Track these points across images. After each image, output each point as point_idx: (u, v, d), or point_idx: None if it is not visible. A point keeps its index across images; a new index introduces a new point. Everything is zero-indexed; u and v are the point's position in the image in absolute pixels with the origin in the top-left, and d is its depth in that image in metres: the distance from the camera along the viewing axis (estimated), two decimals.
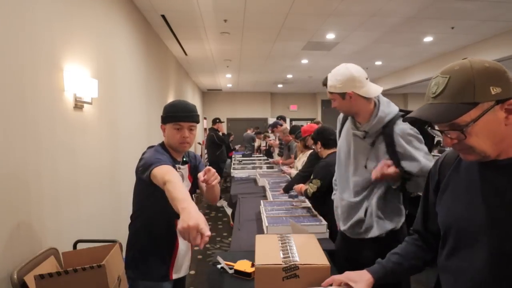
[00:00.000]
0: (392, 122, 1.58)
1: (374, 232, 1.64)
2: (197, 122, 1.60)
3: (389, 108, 1.61)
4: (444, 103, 0.79)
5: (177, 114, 1.55)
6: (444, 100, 0.79)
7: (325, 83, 1.66)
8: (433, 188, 1.02)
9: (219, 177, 1.53)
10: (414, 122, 0.90)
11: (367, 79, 1.59)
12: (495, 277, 0.80)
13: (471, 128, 0.78)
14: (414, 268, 1.10)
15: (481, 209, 0.84)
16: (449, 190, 0.94)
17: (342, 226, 1.79)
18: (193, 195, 1.67)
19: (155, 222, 1.57)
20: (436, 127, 0.87)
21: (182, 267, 1.66)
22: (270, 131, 6.45)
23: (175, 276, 1.62)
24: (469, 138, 0.79)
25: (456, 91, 0.78)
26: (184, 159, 1.67)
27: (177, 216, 1.48)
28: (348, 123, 1.75)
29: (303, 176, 2.91)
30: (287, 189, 3.04)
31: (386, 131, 1.58)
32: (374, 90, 1.58)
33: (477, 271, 0.83)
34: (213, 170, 1.50)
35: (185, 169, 1.65)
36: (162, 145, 1.63)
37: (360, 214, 1.67)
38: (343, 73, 1.57)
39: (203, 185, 1.60)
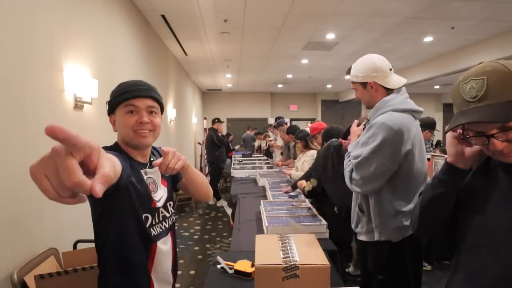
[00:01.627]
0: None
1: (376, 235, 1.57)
2: (159, 101, 1.16)
3: (399, 102, 1.52)
4: (492, 103, 0.77)
5: (127, 90, 1.10)
6: (491, 101, 0.77)
7: (348, 73, 1.63)
8: None
9: (183, 158, 1.10)
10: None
11: (391, 69, 1.57)
12: None
13: None
14: None
15: (509, 206, 0.82)
16: (473, 187, 0.93)
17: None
18: (169, 206, 1.25)
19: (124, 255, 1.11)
20: (466, 134, 0.84)
21: None
22: (271, 131, 6.45)
23: None
24: None
25: (502, 90, 0.76)
26: (152, 159, 1.21)
27: (153, 240, 1.13)
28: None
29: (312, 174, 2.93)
30: (295, 187, 3.06)
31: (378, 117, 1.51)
32: (397, 81, 1.56)
33: (501, 267, 0.82)
34: (172, 150, 1.06)
35: (155, 172, 1.20)
36: (116, 146, 1.17)
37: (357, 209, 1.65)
38: (365, 62, 1.56)
39: (184, 185, 1.29)
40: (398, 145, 1.43)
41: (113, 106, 1.13)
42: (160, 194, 1.20)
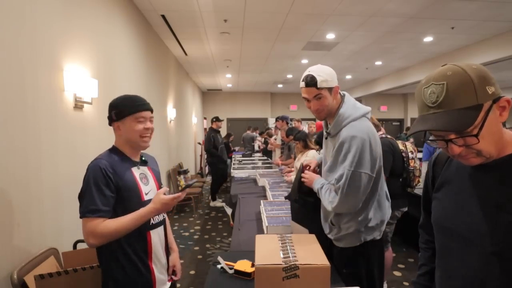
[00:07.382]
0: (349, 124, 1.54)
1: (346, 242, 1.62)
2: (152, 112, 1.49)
3: (354, 110, 1.57)
4: (450, 110, 0.76)
5: (137, 104, 1.40)
6: (448, 107, 0.77)
7: (312, 81, 1.52)
8: (430, 186, 1.03)
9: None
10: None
11: None
12: (486, 276, 0.82)
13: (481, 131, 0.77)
14: None
15: (472, 210, 0.85)
16: (443, 190, 0.95)
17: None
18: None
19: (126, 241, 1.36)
20: (431, 137, 0.86)
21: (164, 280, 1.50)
22: (275, 127, 6.47)
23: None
24: (480, 142, 0.77)
25: (459, 96, 0.76)
26: (143, 158, 1.50)
27: (148, 228, 1.39)
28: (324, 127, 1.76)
29: None
30: None
31: (342, 132, 1.54)
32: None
33: (468, 270, 0.85)
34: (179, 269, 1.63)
35: (146, 169, 1.49)
36: (112, 150, 1.43)
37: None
38: (328, 69, 1.57)
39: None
40: (372, 152, 1.49)
41: (123, 115, 1.38)
42: (150, 187, 1.45)
